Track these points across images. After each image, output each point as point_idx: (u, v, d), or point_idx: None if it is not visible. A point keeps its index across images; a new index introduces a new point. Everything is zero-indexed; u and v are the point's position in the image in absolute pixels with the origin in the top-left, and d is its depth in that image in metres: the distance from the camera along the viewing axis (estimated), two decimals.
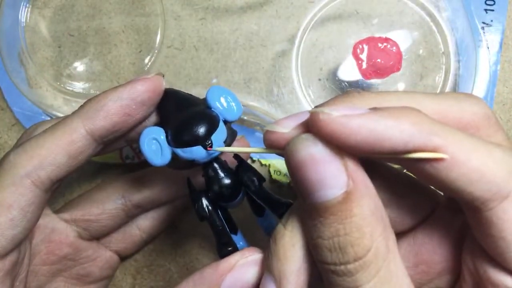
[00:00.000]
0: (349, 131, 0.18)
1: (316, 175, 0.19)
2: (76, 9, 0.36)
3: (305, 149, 0.19)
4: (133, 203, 0.32)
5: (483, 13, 0.34)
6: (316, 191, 0.19)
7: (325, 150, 0.19)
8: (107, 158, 0.36)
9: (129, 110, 0.26)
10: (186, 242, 0.37)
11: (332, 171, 0.19)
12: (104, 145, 0.27)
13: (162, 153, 0.25)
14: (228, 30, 0.35)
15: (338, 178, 0.19)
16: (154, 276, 0.37)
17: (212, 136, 0.24)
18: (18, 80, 0.36)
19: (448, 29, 0.33)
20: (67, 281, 0.32)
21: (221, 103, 0.26)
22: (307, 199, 0.19)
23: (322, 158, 0.19)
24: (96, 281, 0.33)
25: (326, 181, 0.19)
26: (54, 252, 0.30)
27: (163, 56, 0.36)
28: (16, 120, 0.37)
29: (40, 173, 0.25)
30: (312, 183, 0.19)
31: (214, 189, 0.26)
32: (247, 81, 0.35)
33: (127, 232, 0.34)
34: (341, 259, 0.19)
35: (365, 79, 0.33)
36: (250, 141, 0.34)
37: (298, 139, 0.19)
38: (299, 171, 0.19)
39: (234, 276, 0.24)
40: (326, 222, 0.19)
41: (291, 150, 0.19)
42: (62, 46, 0.36)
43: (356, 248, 0.19)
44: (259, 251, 0.25)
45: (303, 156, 0.19)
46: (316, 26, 0.34)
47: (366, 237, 0.19)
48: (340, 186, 0.19)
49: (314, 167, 0.19)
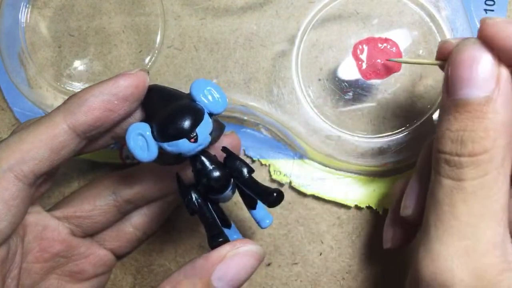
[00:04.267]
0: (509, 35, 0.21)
1: (469, 73, 0.21)
2: (76, 9, 0.36)
3: (468, 50, 0.22)
4: (124, 199, 0.32)
5: (483, 13, 0.34)
6: (463, 88, 0.21)
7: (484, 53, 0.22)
8: (107, 158, 0.36)
9: (111, 105, 0.26)
10: (186, 242, 0.37)
11: (484, 75, 0.21)
12: (88, 141, 0.27)
13: (149, 149, 0.25)
14: (228, 30, 0.35)
15: (487, 83, 0.21)
16: (154, 276, 0.37)
17: (197, 128, 0.24)
18: (18, 80, 0.36)
19: (448, 29, 0.33)
20: (60, 278, 0.32)
21: (205, 96, 0.26)
22: (452, 94, 0.22)
23: (479, 60, 0.21)
24: (89, 278, 0.33)
25: (475, 81, 0.21)
26: (46, 250, 0.30)
27: (163, 56, 0.36)
28: (16, 120, 0.37)
29: (22, 167, 0.25)
30: (463, 80, 0.21)
31: (202, 182, 0.26)
32: (247, 81, 0.35)
33: (121, 229, 0.33)
34: (458, 150, 0.21)
35: (365, 80, 0.33)
36: (246, 140, 0.35)
37: (467, 41, 0.22)
38: (456, 68, 0.22)
39: (225, 266, 0.24)
40: (460, 117, 0.21)
41: (455, 50, 0.22)
42: (62, 46, 0.36)
43: (475, 145, 0.21)
44: (251, 242, 0.25)
45: (464, 55, 0.22)
46: (316, 26, 0.34)
47: (489, 140, 0.21)
48: (486, 90, 0.21)
49: (470, 66, 0.21)
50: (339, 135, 0.33)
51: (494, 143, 0.21)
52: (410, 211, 0.27)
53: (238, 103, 0.34)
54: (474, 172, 0.21)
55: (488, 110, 0.21)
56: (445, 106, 0.22)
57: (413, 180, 0.28)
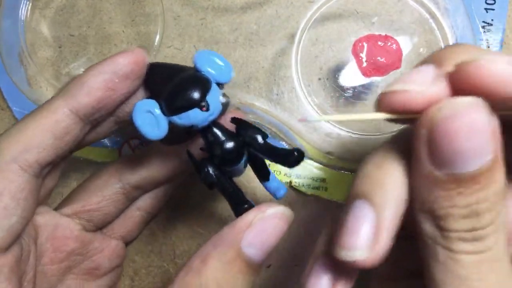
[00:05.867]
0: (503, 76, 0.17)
1: (470, 144, 0.17)
2: (77, 9, 0.36)
3: (468, 116, 0.17)
4: (131, 185, 0.31)
5: (484, 12, 0.34)
6: (465, 161, 0.17)
7: (489, 116, 0.17)
8: (106, 158, 0.36)
9: (112, 84, 0.25)
10: (184, 243, 0.37)
11: (485, 139, 0.17)
12: (91, 126, 0.26)
13: (159, 125, 0.24)
14: (228, 30, 0.35)
15: (489, 145, 0.17)
16: (152, 278, 0.37)
17: (207, 97, 0.24)
18: (18, 80, 0.36)
19: (449, 28, 0.33)
20: (78, 278, 0.31)
21: (211, 66, 0.25)
22: (445, 169, 0.18)
23: (484, 126, 0.17)
24: (106, 272, 0.32)
25: (483, 148, 0.17)
26: (60, 249, 0.29)
27: (163, 56, 0.36)
28: (16, 120, 0.37)
29: (27, 157, 0.24)
30: (463, 153, 0.17)
31: (217, 153, 0.25)
32: (247, 81, 0.35)
33: (127, 215, 0.32)
34: (476, 224, 0.18)
35: (365, 77, 0.33)
36: None
37: (463, 103, 0.17)
38: (450, 140, 0.17)
39: (254, 232, 0.23)
40: (467, 192, 0.18)
41: (443, 117, 0.17)
42: (62, 46, 0.36)
43: (492, 213, 0.18)
44: (277, 204, 0.24)
45: (463, 125, 0.17)
46: (315, 26, 0.34)
47: (500, 201, 0.18)
48: (489, 153, 0.17)
49: (471, 136, 0.17)
50: (339, 133, 0.33)
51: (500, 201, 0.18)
52: (364, 253, 0.20)
53: (237, 102, 0.34)
54: (495, 237, 0.19)
55: (495, 173, 0.18)
56: (433, 180, 0.18)
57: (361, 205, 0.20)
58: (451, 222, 0.19)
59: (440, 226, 0.19)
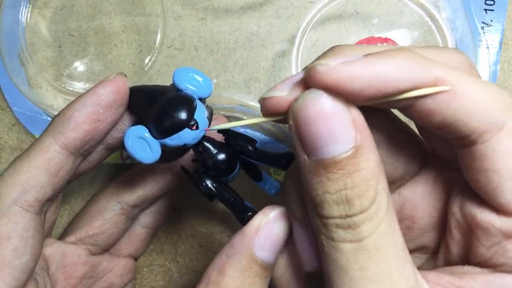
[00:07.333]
0: (352, 77, 0.18)
1: (326, 129, 0.19)
2: (76, 9, 0.36)
3: (315, 104, 0.19)
4: (129, 205, 0.32)
5: (483, 13, 0.34)
6: (325, 146, 0.19)
7: (334, 103, 0.19)
8: (108, 159, 0.36)
9: (97, 115, 0.25)
10: (186, 242, 0.37)
11: (342, 125, 0.19)
12: (83, 156, 0.27)
13: (151, 149, 0.25)
14: (228, 30, 0.35)
15: (348, 132, 0.19)
16: (154, 276, 0.37)
17: (194, 115, 0.24)
18: (18, 80, 0.36)
19: (448, 29, 0.33)
20: None
21: (190, 83, 0.25)
22: (313, 155, 0.19)
23: (333, 112, 0.19)
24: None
25: (336, 135, 0.19)
26: (72, 275, 0.31)
27: (163, 56, 0.36)
28: (16, 120, 0.37)
29: (26, 198, 0.25)
30: (322, 138, 0.19)
31: (211, 166, 0.26)
32: (247, 81, 0.35)
33: (132, 234, 0.34)
34: (348, 211, 0.19)
35: None
36: None
37: (306, 94, 0.19)
38: (309, 126, 0.19)
39: (263, 235, 0.24)
40: (334, 177, 0.19)
41: (299, 107, 0.19)
42: (62, 46, 0.36)
43: (363, 200, 0.19)
44: (277, 206, 0.25)
45: (313, 111, 0.19)
46: (316, 26, 0.34)
47: (372, 189, 0.19)
48: (350, 141, 0.19)
49: (325, 122, 0.19)
50: None
51: (376, 190, 0.19)
52: (317, 264, 0.24)
53: (238, 103, 0.34)
54: (370, 226, 0.19)
55: (360, 160, 0.19)
56: (307, 167, 0.20)
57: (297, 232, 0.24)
58: (326, 208, 0.20)
59: (319, 213, 0.20)
